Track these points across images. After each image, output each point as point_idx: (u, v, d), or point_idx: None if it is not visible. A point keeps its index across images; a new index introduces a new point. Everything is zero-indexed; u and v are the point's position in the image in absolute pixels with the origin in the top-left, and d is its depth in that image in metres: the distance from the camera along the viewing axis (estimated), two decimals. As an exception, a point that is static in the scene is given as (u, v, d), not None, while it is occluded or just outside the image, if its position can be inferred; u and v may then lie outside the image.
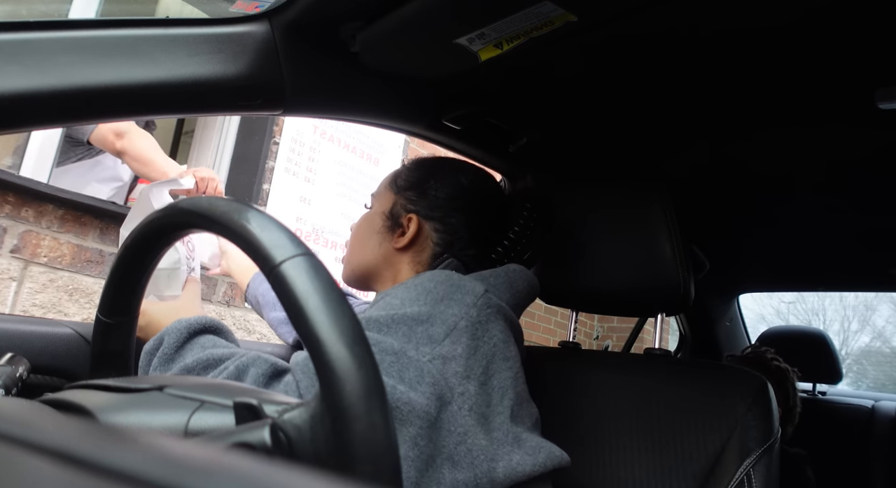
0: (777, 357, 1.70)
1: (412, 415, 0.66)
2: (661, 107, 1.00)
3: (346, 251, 0.99)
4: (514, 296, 0.85)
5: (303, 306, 0.39)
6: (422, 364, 0.69)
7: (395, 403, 0.65)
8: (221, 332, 0.79)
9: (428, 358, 0.70)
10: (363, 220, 0.98)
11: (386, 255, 0.92)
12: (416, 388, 0.67)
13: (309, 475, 0.18)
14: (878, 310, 5.54)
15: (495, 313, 0.78)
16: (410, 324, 0.72)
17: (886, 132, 0.97)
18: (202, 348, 0.74)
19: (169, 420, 0.43)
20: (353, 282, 0.98)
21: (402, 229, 0.91)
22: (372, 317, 0.72)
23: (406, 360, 0.69)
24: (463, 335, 0.73)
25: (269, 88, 0.80)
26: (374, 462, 0.36)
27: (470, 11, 0.73)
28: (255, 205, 0.46)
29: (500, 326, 0.78)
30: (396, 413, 0.65)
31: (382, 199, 0.96)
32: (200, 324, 0.77)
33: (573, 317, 1.14)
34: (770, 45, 0.80)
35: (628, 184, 1.02)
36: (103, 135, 1.86)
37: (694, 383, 0.92)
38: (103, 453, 0.19)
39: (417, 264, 0.90)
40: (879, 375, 5.86)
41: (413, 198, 0.93)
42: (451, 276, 0.79)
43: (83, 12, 2.18)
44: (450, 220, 0.90)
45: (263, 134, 2.72)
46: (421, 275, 0.80)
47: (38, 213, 1.99)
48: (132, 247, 0.55)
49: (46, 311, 2.04)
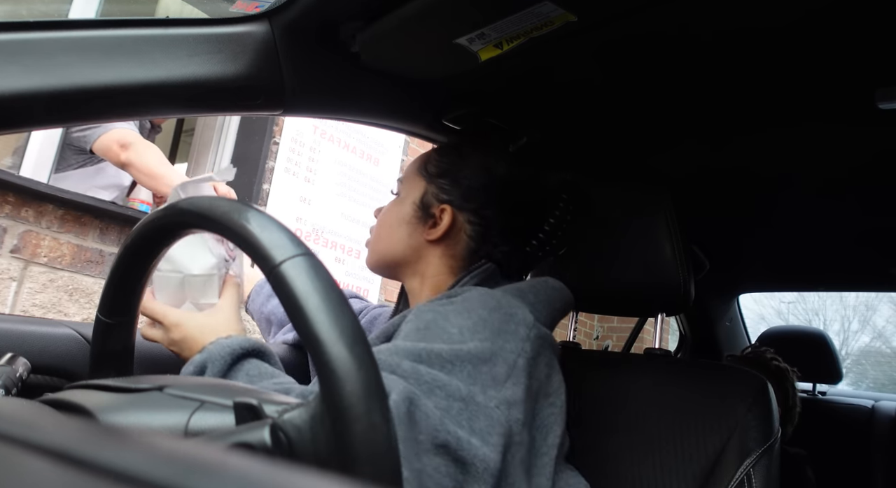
0: (777, 357, 1.70)
1: (486, 473, 0.61)
2: (662, 107, 1.00)
3: (372, 237, 0.94)
4: (551, 315, 0.81)
5: (303, 306, 0.39)
6: (490, 410, 0.64)
7: (471, 459, 0.61)
8: (265, 356, 0.74)
9: (494, 403, 0.65)
10: (392, 207, 0.93)
11: (416, 247, 0.88)
12: (489, 441, 0.63)
13: (309, 475, 0.18)
14: (879, 310, 5.54)
15: (542, 344, 0.74)
16: (475, 362, 0.66)
17: (886, 132, 0.97)
18: (248, 377, 0.69)
19: (169, 420, 0.43)
20: (379, 270, 0.94)
21: (435, 220, 0.87)
22: (434, 351, 0.66)
23: (475, 407, 0.63)
24: (521, 375, 0.69)
25: (269, 88, 0.80)
26: (375, 462, 0.36)
27: (470, 11, 0.73)
28: (255, 205, 0.46)
29: (546, 359, 0.74)
30: (470, 468, 0.61)
31: (412, 186, 0.91)
32: (244, 348, 0.71)
33: (573, 317, 1.14)
34: (770, 46, 0.80)
35: (628, 185, 1.02)
36: (107, 146, 1.84)
37: (694, 383, 0.92)
38: (103, 453, 0.19)
39: (450, 258, 0.87)
40: (879, 375, 5.86)
41: (446, 186, 0.88)
42: (500, 301, 0.74)
43: (83, 12, 2.18)
44: (484, 213, 0.86)
45: (263, 134, 2.72)
46: (470, 297, 0.74)
47: (38, 213, 1.99)
48: (132, 247, 0.55)
49: (46, 311, 2.04)
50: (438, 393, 0.62)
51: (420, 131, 1.06)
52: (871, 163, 1.09)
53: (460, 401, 0.63)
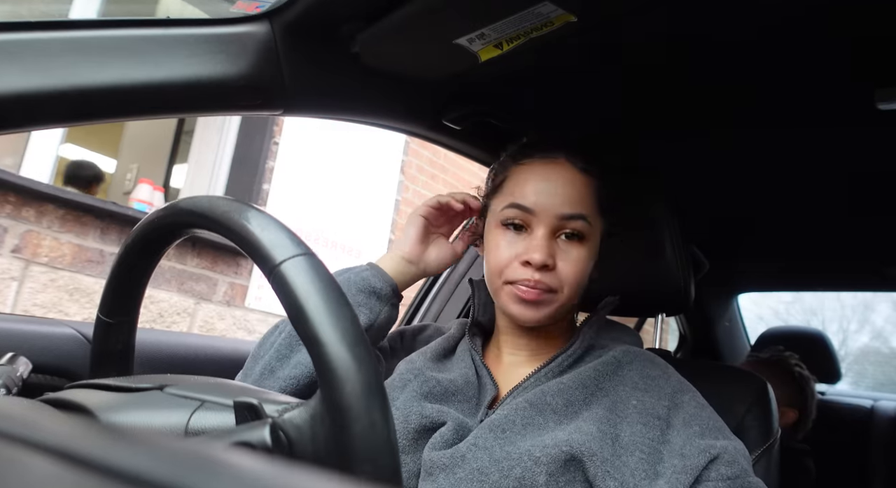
0: (800, 363, 1.68)
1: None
2: (661, 107, 1.00)
3: (566, 292, 0.76)
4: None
5: (303, 306, 0.39)
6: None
7: None
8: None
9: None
10: (585, 252, 0.77)
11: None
12: None
13: (309, 474, 0.18)
14: (877, 310, 5.54)
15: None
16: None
17: (886, 132, 0.97)
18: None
19: (169, 419, 0.43)
20: (548, 322, 0.78)
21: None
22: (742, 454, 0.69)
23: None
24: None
25: (269, 89, 0.80)
26: (374, 461, 0.36)
27: (470, 12, 0.74)
28: (255, 205, 0.46)
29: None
30: None
31: (596, 224, 0.79)
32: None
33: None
34: (770, 46, 0.80)
35: (629, 184, 1.02)
36: None
37: (693, 384, 0.92)
38: (104, 452, 0.19)
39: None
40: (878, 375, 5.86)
41: (613, 221, 0.82)
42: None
43: (83, 12, 2.18)
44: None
45: (263, 134, 2.72)
46: (656, 362, 0.79)
47: (38, 213, 1.99)
48: (133, 247, 0.55)
49: (47, 311, 2.04)
50: None
51: (420, 131, 1.06)
52: (871, 163, 1.09)
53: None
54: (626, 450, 0.66)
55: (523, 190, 0.77)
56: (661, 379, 0.75)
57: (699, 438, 0.68)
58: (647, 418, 0.69)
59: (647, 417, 0.69)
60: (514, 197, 0.78)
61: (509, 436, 0.68)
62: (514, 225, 0.77)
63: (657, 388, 0.73)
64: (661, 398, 0.72)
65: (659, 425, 0.69)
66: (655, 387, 0.73)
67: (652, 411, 0.70)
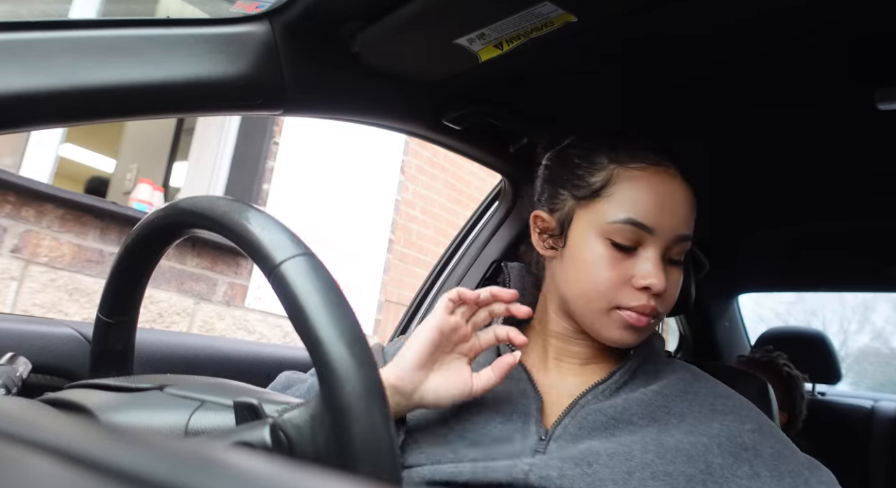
0: (789, 363, 1.69)
1: None
2: (661, 107, 1.00)
3: (664, 312, 0.71)
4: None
5: (303, 306, 0.39)
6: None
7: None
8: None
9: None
10: (679, 268, 0.73)
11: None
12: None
13: (309, 474, 0.18)
14: (878, 310, 5.54)
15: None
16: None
17: (886, 132, 0.97)
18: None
19: (169, 419, 0.43)
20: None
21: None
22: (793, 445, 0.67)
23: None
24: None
25: (269, 88, 0.80)
26: (374, 461, 0.36)
27: (470, 12, 0.74)
28: (255, 205, 0.46)
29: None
30: None
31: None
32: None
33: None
34: (769, 46, 0.80)
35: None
36: None
37: (693, 383, 0.92)
38: (104, 452, 0.19)
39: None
40: (879, 375, 5.86)
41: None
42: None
43: (83, 12, 2.18)
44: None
45: (263, 134, 2.73)
46: (674, 362, 0.77)
47: (38, 213, 1.99)
48: (133, 247, 0.55)
49: (47, 311, 2.04)
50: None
51: (420, 131, 1.06)
52: (871, 164, 1.09)
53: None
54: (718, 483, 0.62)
55: (644, 205, 0.68)
56: (734, 399, 0.70)
57: (791, 477, 0.65)
58: (736, 449, 0.64)
59: (735, 447, 0.64)
60: (631, 212, 0.68)
61: (597, 471, 0.61)
62: (624, 244, 0.68)
63: (734, 410, 0.68)
64: (743, 422, 0.67)
65: (747, 457, 0.64)
66: (732, 409, 0.68)
67: (738, 440, 0.65)
